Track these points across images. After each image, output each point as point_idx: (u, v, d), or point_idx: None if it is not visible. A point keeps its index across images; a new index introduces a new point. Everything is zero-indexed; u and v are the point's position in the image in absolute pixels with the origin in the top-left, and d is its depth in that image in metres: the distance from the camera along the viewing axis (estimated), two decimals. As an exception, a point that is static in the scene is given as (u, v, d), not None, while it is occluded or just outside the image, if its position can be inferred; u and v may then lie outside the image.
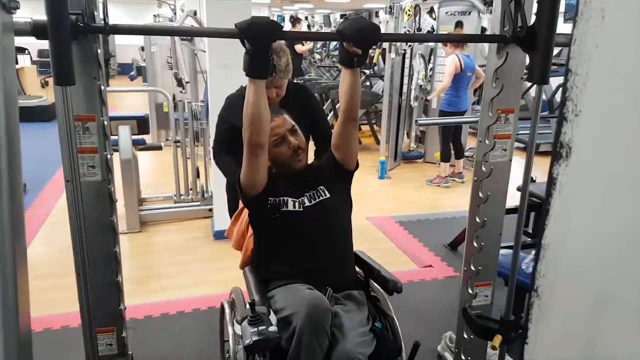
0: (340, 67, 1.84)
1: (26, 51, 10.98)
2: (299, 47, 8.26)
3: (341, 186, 1.97)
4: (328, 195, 1.90)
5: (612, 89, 0.46)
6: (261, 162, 1.77)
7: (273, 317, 1.63)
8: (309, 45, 9.08)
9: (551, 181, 0.51)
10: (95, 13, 1.51)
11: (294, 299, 1.67)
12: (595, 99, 0.47)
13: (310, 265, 1.83)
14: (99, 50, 1.56)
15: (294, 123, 1.93)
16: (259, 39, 1.53)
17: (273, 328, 1.56)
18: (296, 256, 1.86)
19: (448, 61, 5.19)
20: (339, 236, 1.93)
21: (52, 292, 2.90)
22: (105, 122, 1.63)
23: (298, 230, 1.86)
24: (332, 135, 1.98)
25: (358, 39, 1.61)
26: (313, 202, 1.88)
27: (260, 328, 1.54)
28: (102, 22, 1.46)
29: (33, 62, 11.55)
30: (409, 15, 5.58)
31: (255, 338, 1.52)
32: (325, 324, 1.59)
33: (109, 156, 1.67)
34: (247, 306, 1.61)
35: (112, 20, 1.46)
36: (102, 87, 1.60)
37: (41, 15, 1.33)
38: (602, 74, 0.46)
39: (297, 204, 1.87)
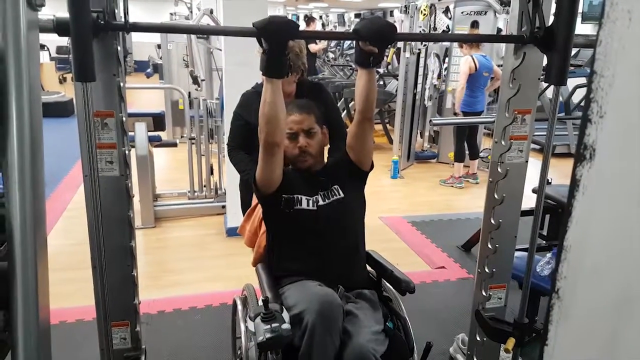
0: (355, 67, 1.83)
1: (45, 47, 11.14)
2: (312, 46, 8.27)
3: (355, 186, 1.97)
4: (342, 195, 1.90)
5: (638, 91, 0.45)
6: (277, 160, 1.78)
7: (286, 315, 1.64)
8: (322, 44, 9.09)
9: (574, 183, 0.51)
10: (116, 11, 1.53)
11: (305, 296, 1.67)
12: (621, 101, 0.47)
13: (322, 264, 1.84)
14: (118, 48, 1.58)
15: (314, 127, 1.91)
16: (277, 38, 1.54)
17: (286, 325, 1.56)
18: (308, 254, 1.86)
19: (462, 61, 5.16)
20: (352, 236, 1.93)
21: (67, 285, 2.94)
22: (124, 118, 1.65)
23: (311, 228, 1.86)
24: (346, 135, 1.98)
25: (375, 37, 1.62)
26: (327, 201, 1.89)
27: (273, 325, 1.55)
28: (123, 20, 1.48)
29: (52, 59, 11.72)
30: (425, 14, 5.55)
31: (268, 335, 1.52)
32: (337, 320, 1.60)
33: (126, 152, 1.68)
34: (260, 303, 1.61)
35: (130, 17, 1.47)
36: (122, 84, 1.62)
37: (63, 13, 1.35)
38: (628, 76, 0.46)
39: (310, 202, 1.87)
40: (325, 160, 2.08)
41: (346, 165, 1.95)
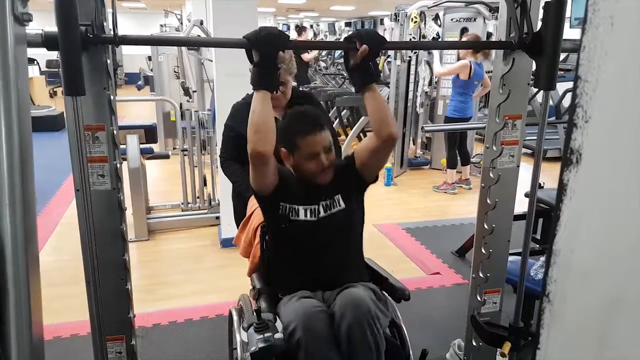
0: (357, 91, 1.76)
1: (35, 62, 11.11)
2: (305, 55, 8.32)
3: (356, 196, 1.91)
4: (343, 206, 1.83)
5: (622, 96, 0.46)
6: (268, 169, 1.74)
7: (279, 324, 1.63)
8: (314, 53, 9.14)
9: (562, 187, 0.51)
10: (105, 24, 1.53)
11: (291, 312, 1.65)
12: (605, 105, 0.48)
13: (320, 275, 1.81)
14: (108, 61, 1.58)
15: (331, 140, 1.81)
16: (268, 49, 1.54)
17: (279, 335, 1.56)
18: (305, 266, 1.83)
19: (459, 62, 5.08)
20: (352, 247, 1.90)
21: (61, 300, 2.92)
22: (115, 132, 1.64)
23: (309, 241, 1.82)
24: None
25: (367, 38, 1.61)
26: (328, 212, 1.82)
27: (266, 335, 1.55)
28: (112, 33, 1.48)
29: (41, 73, 11.68)
30: (415, 22, 5.59)
31: (261, 345, 1.52)
32: (320, 326, 1.60)
33: (118, 165, 1.68)
34: (254, 313, 1.61)
35: (119, 30, 1.47)
36: (112, 97, 1.61)
37: (52, 27, 1.35)
38: (611, 80, 0.47)
39: (309, 212, 1.81)
40: None
41: (350, 175, 1.86)
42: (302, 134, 1.75)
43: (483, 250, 2.05)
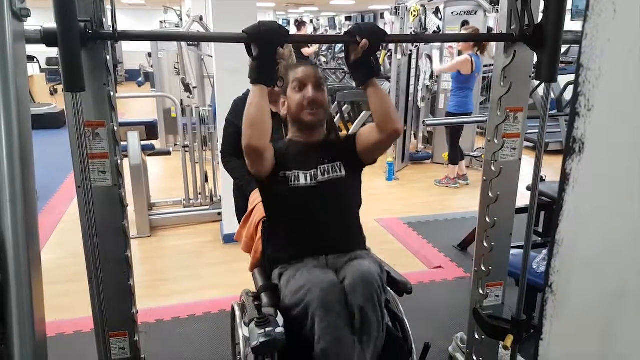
0: (359, 87, 1.76)
1: (35, 59, 11.10)
2: (305, 50, 8.31)
3: (356, 169, 1.90)
4: (344, 174, 1.83)
5: (625, 83, 0.45)
6: (263, 160, 1.73)
7: (280, 319, 1.63)
8: (315, 47, 9.12)
9: (564, 177, 0.51)
10: (104, 20, 1.52)
11: (302, 283, 1.64)
12: (608, 93, 0.47)
13: (322, 238, 1.81)
14: (107, 57, 1.58)
15: (323, 82, 1.84)
16: (267, 43, 1.54)
17: (280, 329, 1.56)
18: (307, 230, 1.82)
19: (460, 58, 5.04)
20: (352, 215, 1.90)
21: (64, 297, 2.93)
22: (115, 128, 1.64)
23: (310, 205, 1.80)
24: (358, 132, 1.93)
25: (368, 32, 1.61)
26: (327, 176, 1.81)
27: (267, 329, 1.55)
28: (111, 28, 1.47)
29: (42, 70, 11.68)
30: (415, 15, 5.57)
31: (262, 340, 1.52)
32: (335, 300, 1.59)
33: (119, 161, 1.68)
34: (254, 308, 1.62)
35: (119, 27, 1.47)
36: (112, 93, 1.61)
37: (51, 23, 1.34)
38: (615, 68, 0.46)
39: (308, 177, 1.80)
40: None
41: (350, 153, 1.86)
42: (294, 67, 1.86)
43: (485, 244, 2.05)
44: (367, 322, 1.60)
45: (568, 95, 6.55)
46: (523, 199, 2.09)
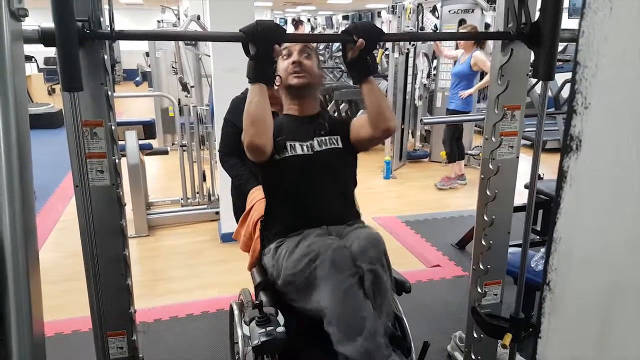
0: (356, 84, 1.79)
1: (33, 59, 11.07)
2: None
3: (351, 149, 1.92)
4: (341, 146, 1.86)
5: (621, 81, 0.45)
6: (266, 154, 1.74)
7: (281, 318, 1.63)
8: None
9: (561, 174, 0.51)
10: (102, 19, 1.52)
11: (310, 247, 1.63)
12: (605, 90, 0.47)
13: (322, 207, 1.81)
14: (105, 56, 1.57)
15: (310, 52, 1.89)
16: (264, 42, 1.54)
17: (281, 329, 1.56)
18: (306, 199, 1.82)
19: (481, 57, 4.82)
20: (349, 189, 1.92)
21: (62, 297, 2.92)
22: (113, 127, 1.64)
23: (306, 174, 1.82)
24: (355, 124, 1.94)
25: (365, 31, 1.62)
26: (324, 147, 1.84)
27: (268, 329, 1.54)
28: (109, 28, 1.47)
29: (39, 70, 11.65)
30: (409, 14, 5.56)
31: (263, 339, 1.52)
32: (345, 261, 1.58)
33: (117, 161, 1.67)
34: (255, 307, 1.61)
35: (117, 26, 1.47)
36: (110, 93, 1.61)
37: (48, 23, 1.34)
38: (611, 65, 0.46)
39: (305, 147, 1.83)
40: None
41: (344, 133, 1.90)
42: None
43: (483, 242, 2.05)
44: (379, 283, 1.58)
45: (565, 93, 6.56)
46: (521, 197, 2.09)
